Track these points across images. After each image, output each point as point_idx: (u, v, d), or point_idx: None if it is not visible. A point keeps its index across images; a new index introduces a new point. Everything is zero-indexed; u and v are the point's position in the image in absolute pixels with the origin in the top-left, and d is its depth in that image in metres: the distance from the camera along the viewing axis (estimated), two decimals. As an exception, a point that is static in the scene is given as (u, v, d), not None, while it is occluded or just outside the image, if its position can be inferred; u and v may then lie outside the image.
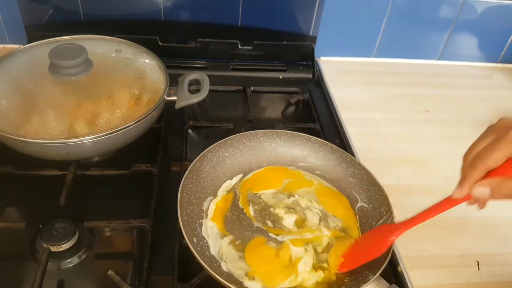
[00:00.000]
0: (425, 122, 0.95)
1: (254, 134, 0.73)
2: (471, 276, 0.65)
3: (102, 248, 0.62)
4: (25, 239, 0.61)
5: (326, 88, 1.01)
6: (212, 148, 0.69)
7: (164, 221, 0.64)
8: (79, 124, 0.65)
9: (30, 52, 0.77)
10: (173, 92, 0.76)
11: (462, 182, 0.46)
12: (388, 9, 1.04)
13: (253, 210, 0.66)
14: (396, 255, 0.64)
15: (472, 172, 0.45)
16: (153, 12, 0.96)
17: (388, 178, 0.68)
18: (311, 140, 0.73)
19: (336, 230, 0.63)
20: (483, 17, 1.08)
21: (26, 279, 0.56)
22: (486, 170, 0.45)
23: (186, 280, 0.57)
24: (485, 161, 0.44)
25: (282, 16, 1.01)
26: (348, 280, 0.58)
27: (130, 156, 0.73)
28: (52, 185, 0.67)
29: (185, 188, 0.62)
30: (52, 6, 0.93)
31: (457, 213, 0.75)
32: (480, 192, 0.45)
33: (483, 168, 0.44)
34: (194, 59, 1.03)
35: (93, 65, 0.72)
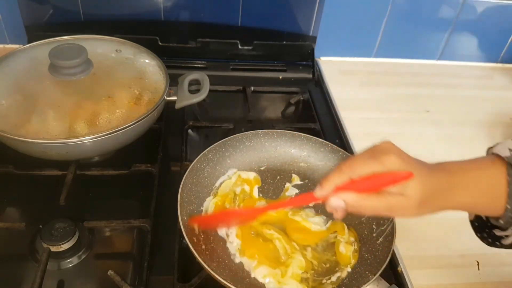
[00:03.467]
0: (425, 122, 0.95)
1: (254, 134, 0.73)
2: (471, 276, 0.65)
3: (102, 248, 0.62)
4: (25, 239, 0.61)
5: (326, 88, 1.01)
6: (212, 148, 0.69)
7: (164, 221, 0.64)
8: (79, 124, 0.65)
9: (30, 52, 0.77)
10: (173, 92, 0.76)
11: (324, 181, 0.47)
12: (388, 9, 1.04)
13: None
14: (396, 255, 0.64)
15: (337, 174, 0.47)
16: (153, 12, 0.96)
17: (388, 178, 0.67)
18: (312, 140, 0.73)
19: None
20: (483, 17, 1.08)
21: (26, 279, 0.56)
22: (349, 179, 0.46)
23: (186, 280, 0.57)
24: (348, 171, 0.46)
25: (282, 16, 1.01)
26: (348, 280, 0.58)
27: (130, 156, 0.73)
28: (52, 185, 0.67)
29: (185, 188, 0.62)
30: (52, 6, 0.93)
31: (457, 213, 0.75)
32: (335, 203, 0.46)
33: (344, 176, 0.46)
34: (194, 59, 1.03)
35: (93, 65, 0.72)
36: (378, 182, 0.45)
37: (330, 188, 0.47)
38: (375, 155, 0.46)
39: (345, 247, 0.62)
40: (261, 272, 0.57)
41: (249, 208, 0.66)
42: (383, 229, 0.61)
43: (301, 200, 0.55)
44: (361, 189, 0.46)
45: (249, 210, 0.65)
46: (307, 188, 0.71)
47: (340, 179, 0.47)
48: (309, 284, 0.57)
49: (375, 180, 0.45)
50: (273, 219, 0.65)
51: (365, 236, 0.63)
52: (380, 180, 0.45)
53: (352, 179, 0.46)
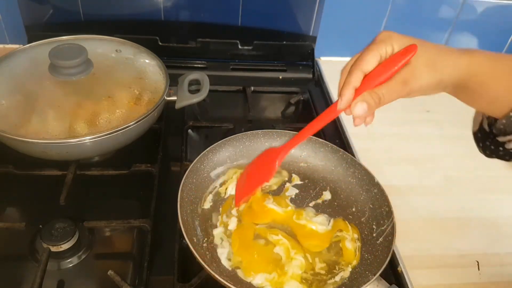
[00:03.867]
0: (425, 122, 0.95)
1: (254, 134, 0.73)
2: (471, 276, 0.65)
3: (102, 248, 0.62)
4: (25, 239, 0.61)
5: (326, 88, 1.01)
6: (212, 148, 0.69)
7: (164, 221, 0.64)
8: (79, 124, 0.65)
9: (30, 52, 0.77)
10: (173, 92, 0.76)
11: (342, 89, 0.47)
12: (388, 9, 1.04)
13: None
14: (396, 255, 0.64)
15: (349, 77, 0.47)
16: (153, 12, 0.96)
17: (388, 178, 0.68)
18: (312, 141, 0.73)
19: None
20: (483, 17, 1.08)
21: (26, 279, 0.56)
22: (362, 73, 0.47)
23: (186, 280, 0.57)
24: (359, 65, 0.47)
25: (282, 16, 1.01)
26: (348, 280, 0.58)
27: (130, 156, 0.73)
28: (52, 185, 0.67)
29: (185, 188, 0.62)
30: (52, 6, 0.93)
31: (457, 213, 0.76)
32: (359, 109, 0.47)
33: (359, 72, 0.47)
34: (194, 59, 1.03)
35: (93, 65, 0.72)
36: (388, 66, 0.45)
37: (350, 93, 0.47)
38: (377, 42, 0.47)
39: (350, 243, 0.62)
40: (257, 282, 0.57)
41: (268, 157, 0.62)
42: (383, 229, 0.62)
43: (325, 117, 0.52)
44: (376, 82, 0.46)
45: (269, 160, 0.62)
46: (307, 188, 0.71)
47: (355, 79, 0.47)
48: (309, 284, 0.57)
49: (386, 66, 0.46)
50: (279, 222, 0.65)
51: (365, 236, 0.63)
52: (390, 64, 0.45)
53: (366, 74, 0.47)
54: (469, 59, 0.45)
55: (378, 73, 0.47)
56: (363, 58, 0.47)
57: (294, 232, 0.63)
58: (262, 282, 0.56)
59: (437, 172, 0.83)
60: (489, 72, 0.45)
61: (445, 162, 0.85)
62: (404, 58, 0.45)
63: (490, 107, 0.47)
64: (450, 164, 0.85)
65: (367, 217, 0.65)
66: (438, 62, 0.45)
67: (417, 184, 0.79)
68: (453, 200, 0.78)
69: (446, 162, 0.85)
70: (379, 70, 0.47)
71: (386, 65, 0.46)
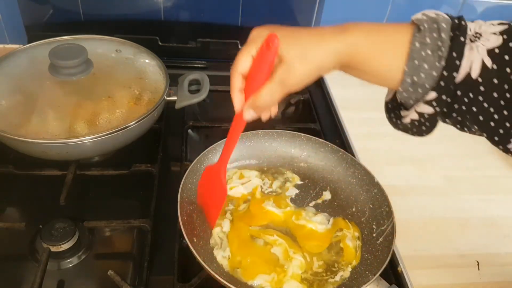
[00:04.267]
0: (425, 122, 0.95)
1: (254, 134, 0.73)
2: (471, 276, 0.65)
3: (102, 248, 0.62)
4: (25, 239, 0.61)
5: (326, 88, 1.01)
6: (212, 148, 0.69)
7: (164, 221, 0.64)
8: (79, 124, 0.65)
9: (30, 52, 0.77)
10: (173, 92, 0.76)
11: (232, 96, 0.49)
12: (388, 9, 1.04)
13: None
14: (396, 255, 0.64)
15: (232, 81, 0.48)
16: (153, 12, 0.96)
17: (388, 178, 0.67)
18: (312, 140, 0.73)
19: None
20: (483, 17, 1.06)
21: (26, 279, 0.56)
22: (240, 75, 0.48)
23: (186, 280, 0.57)
24: (235, 67, 0.48)
25: (282, 16, 1.00)
26: (348, 280, 0.58)
27: (130, 156, 0.73)
28: (52, 185, 0.67)
29: (185, 188, 0.62)
30: (52, 6, 0.93)
31: (457, 213, 0.76)
32: (248, 116, 0.49)
33: (236, 74, 0.48)
34: (194, 59, 1.03)
35: (93, 65, 0.72)
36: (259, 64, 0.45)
37: (237, 96, 0.49)
38: (247, 43, 0.48)
39: (351, 241, 0.62)
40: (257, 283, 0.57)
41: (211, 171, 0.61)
42: (383, 229, 0.62)
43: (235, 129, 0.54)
44: (256, 82, 0.46)
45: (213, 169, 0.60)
46: (307, 188, 0.71)
47: (236, 82, 0.48)
48: (310, 284, 0.57)
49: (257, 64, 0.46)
50: (277, 223, 0.65)
51: (365, 236, 0.63)
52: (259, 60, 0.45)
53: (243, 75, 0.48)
54: (343, 42, 0.43)
55: (253, 72, 0.47)
56: (237, 60, 0.48)
57: (293, 233, 0.63)
58: (262, 282, 0.56)
59: (437, 172, 0.83)
60: (367, 51, 0.43)
61: (445, 162, 0.85)
62: (269, 50, 0.44)
63: (379, 82, 0.46)
64: (450, 164, 0.85)
65: (367, 217, 0.65)
66: (310, 52, 0.44)
67: (417, 184, 0.79)
68: (453, 200, 0.78)
69: (446, 162, 0.85)
70: (253, 69, 0.47)
71: (257, 62, 0.46)
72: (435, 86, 0.41)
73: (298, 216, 0.65)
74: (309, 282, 0.57)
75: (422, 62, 0.41)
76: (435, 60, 0.41)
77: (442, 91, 0.41)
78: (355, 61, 0.44)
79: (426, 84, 0.42)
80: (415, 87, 0.43)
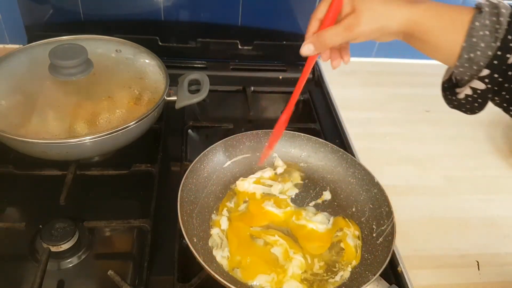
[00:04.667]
0: (425, 122, 0.95)
1: (254, 134, 0.73)
2: (471, 276, 0.65)
3: (102, 248, 0.62)
4: (25, 239, 0.61)
5: (326, 88, 1.01)
6: (212, 148, 0.69)
7: (164, 221, 0.64)
8: (79, 124, 0.65)
9: (30, 52, 0.77)
10: (173, 92, 0.76)
11: (306, 35, 0.54)
12: (388, 9, 1.04)
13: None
14: (396, 255, 0.64)
15: (309, 26, 0.54)
16: (153, 12, 0.96)
17: (388, 178, 0.68)
18: (312, 140, 0.73)
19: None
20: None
21: (26, 279, 0.56)
22: (318, 21, 0.53)
23: (186, 280, 0.57)
24: (314, 14, 0.53)
25: (282, 16, 1.00)
26: (348, 280, 0.58)
27: (130, 156, 0.73)
28: (52, 185, 0.67)
29: (185, 188, 0.62)
30: (52, 6, 0.93)
31: (457, 213, 0.76)
32: (305, 50, 0.54)
33: (313, 19, 0.53)
34: (194, 59, 1.03)
35: (93, 65, 0.72)
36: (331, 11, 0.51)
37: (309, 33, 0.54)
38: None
39: (352, 240, 0.62)
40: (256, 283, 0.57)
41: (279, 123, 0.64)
42: (383, 229, 0.62)
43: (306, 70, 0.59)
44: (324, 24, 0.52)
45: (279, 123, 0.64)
46: (307, 188, 0.71)
47: (311, 27, 0.53)
48: (311, 284, 0.57)
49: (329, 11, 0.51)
50: (277, 224, 0.65)
51: (365, 236, 0.63)
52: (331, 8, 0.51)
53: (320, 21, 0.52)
54: (413, 10, 0.48)
55: (325, 18, 0.52)
56: (317, 8, 0.53)
57: (294, 233, 0.63)
58: (262, 283, 0.56)
59: (437, 172, 0.83)
60: (434, 24, 0.47)
61: (445, 162, 0.85)
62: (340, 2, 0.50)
63: (438, 55, 0.49)
64: (450, 164, 0.85)
65: (367, 217, 0.65)
66: (381, 10, 0.48)
67: (417, 184, 0.79)
68: (453, 200, 0.78)
69: (446, 162, 0.85)
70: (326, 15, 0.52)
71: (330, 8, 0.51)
72: (489, 64, 0.45)
73: (299, 216, 0.65)
74: (309, 282, 0.57)
75: (479, 40, 0.45)
76: (491, 40, 0.45)
77: (495, 70, 0.45)
78: (419, 31, 0.48)
79: (480, 61, 0.46)
80: (471, 63, 0.46)
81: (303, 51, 0.54)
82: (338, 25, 0.50)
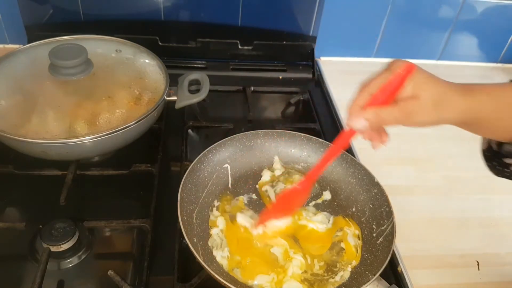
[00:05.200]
0: (425, 122, 0.95)
1: (254, 134, 0.73)
2: (471, 276, 0.65)
3: (102, 248, 0.62)
4: (25, 239, 0.61)
5: (326, 88, 1.01)
6: (212, 148, 0.69)
7: (164, 221, 0.64)
8: (79, 124, 0.65)
9: (30, 52, 0.77)
10: (173, 92, 0.76)
11: (351, 108, 0.49)
12: (388, 9, 1.04)
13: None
14: (396, 255, 0.64)
15: (357, 97, 0.48)
16: (153, 12, 0.96)
17: (388, 178, 0.67)
18: (312, 140, 0.73)
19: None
20: (483, 17, 1.08)
21: (26, 279, 0.56)
22: (368, 94, 0.48)
23: (186, 280, 0.57)
24: (366, 85, 0.48)
25: (282, 16, 1.01)
26: (348, 280, 0.58)
27: (130, 156, 0.73)
28: (52, 185, 0.67)
29: (185, 188, 0.62)
30: (52, 6, 0.93)
31: (457, 213, 0.75)
32: (357, 125, 0.48)
33: (365, 92, 0.48)
34: (194, 59, 1.03)
35: (93, 65, 0.72)
36: (389, 88, 0.46)
37: (357, 112, 0.48)
38: (385, 67, 0.48)
39: (353, 239, 0.62)
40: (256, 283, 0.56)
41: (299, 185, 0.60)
42: (383, 229, 0.62)
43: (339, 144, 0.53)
44: (378, 102, 0.47)
45: (301, 186, 0.60)
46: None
47: (361, 99, 0.48)
48: (311, 284, 0.57)
49: (387, 88, 0.46)
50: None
51: (365, 236, 0.63)
52: (390, 86, 0.46)
53: (372, 95, 0.47)
54: (471, 100, 0.46)
55: (379, 94, 0.47)
56: (370, 80, 0.48)
57: (294, 234, 0.63)
58: (262, 283, 0.56)
59: (437, 172, 0.83)
60: (491, 111, 0.47)
61: (445, 162, 0.85)
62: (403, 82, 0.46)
63: (495, 136, 0.49)
64: (450, 164, 0.85)
65: (367, 217, 0.65)
66: (443, 101, 0.46)
67: (417, 184, 0.79)
68: (453, 200, 0.78)
69: (446, 162, 0.85)
70: (381, 96, 0.47)
71: (387, 89, 0.47)
72: None
73: (299, 216, 0.65)
74: (309, 282, 0.57)
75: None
76: None
77: None
78: (476, 119, 0.47)
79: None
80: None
81: (354, 125, 0.48)
82: (397, 108, 0.46)
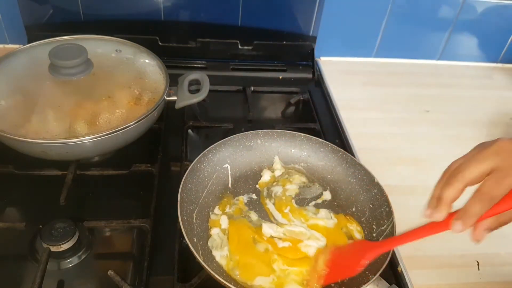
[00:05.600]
0: (425, 122, 0.95)
1: (254, 134, 0.73)
2: (471, 276, 0.65)
3: (102, 248, 0.62)
4: (25, 239, 0.61)
5: (326, 88, 1.01)
6: (212, 148, 0.69)
7: (164, 221, 0.64)
8: (79, 124, 0.65)
9: (30, 52, 0.77)
10: (173, 92, 0.76)
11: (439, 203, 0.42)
12: (388, 9, 1.04)
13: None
14: (396, 255, 0.64)
15: (447, 190, 0.42)
16: (153, 12, 0.96)
17: (388, 178, 0.67)
18: (312, 141, 0.73)
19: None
20: (483, 17, 1.08)
21: (26, 279, 0.56)
22: (464, 185, 0.41)
23: (186, 280, 0.57)
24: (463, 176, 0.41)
25: (282, 16, 1.00)
26: (348, 280, 0.58)
27: (130, 156, 0.73)
28: (52, 185, 0.67)
29: (185, 188, 0.62)
30: (52, 6, 0.93)
31: (457, 213, 0.75)
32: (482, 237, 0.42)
33: (461, 184, 0.41)
34: (194, 59, 1.03)
35: (93, 65, 0.72)
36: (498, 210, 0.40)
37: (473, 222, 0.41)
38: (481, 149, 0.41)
39: (358, 234, 0.63)
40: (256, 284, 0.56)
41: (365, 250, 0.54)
42: (383, 229, 0.62)
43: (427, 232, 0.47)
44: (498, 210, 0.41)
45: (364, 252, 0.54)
46: (307, 188, 0.71)
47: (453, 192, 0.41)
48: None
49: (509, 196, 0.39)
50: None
51: (365, 236, 0.63)
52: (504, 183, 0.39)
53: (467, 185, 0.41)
54: None
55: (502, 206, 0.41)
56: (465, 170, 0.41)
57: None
58: (262, 283, 0.56)
59: (437, 172, 0.82)
60: None
61: (445, 162, 0.84)
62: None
63: None
64: (450, 164, 0.85)
65: (367, 217, 0.65)
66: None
67: (417, 184, 0.79)
68: (453, 200, 0.78)
69: (446, 162, 0.84)
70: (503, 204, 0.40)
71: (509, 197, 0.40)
72: None
73: (306, 217, 0.65)
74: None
75: None
76: None
77: None
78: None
79: None
80: None
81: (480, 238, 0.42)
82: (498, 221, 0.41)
